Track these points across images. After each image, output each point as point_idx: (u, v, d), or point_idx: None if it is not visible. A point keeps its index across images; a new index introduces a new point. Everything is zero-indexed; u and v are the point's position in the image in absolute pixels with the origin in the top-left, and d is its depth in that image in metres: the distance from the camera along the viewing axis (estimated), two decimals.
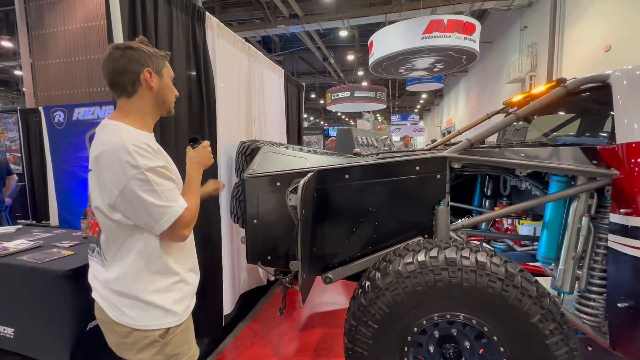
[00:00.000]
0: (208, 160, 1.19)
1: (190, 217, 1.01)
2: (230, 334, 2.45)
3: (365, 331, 1.42)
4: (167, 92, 1.10)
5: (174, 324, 1.05)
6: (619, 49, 6.63)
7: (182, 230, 0.99)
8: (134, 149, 0.92)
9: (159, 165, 0.95)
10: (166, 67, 1.10)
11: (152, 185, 0.93)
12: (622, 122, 1.45)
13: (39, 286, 1.96)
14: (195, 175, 1.14)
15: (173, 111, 1.16)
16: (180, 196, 1.01)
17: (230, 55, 2.47)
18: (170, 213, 0.95)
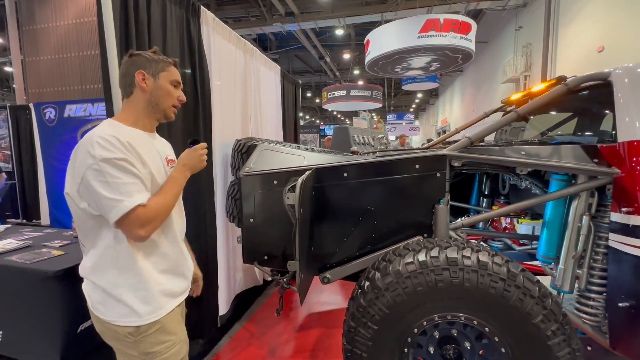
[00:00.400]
0: (198, 163, 1.14)
1: (146, 217, 0.95)
2: (225, 335, 2.41)
3: (364, 332, 1.39)
4: (161, 94, 1.09)
5: (140, 323, 1.01)
6: (611, 49, 6.69)
7: (133, 229, 0.94)
8: (97, 140, 0.93)
9: (116, 157, 0.92)
10: (166, 72, 1.10)
11: (105, 176, 0.91)
12: (623, 120, 1.44)
13: (28, 287, 1.90)
14: (178, 177, 1.09)
15: (172, 117, 1.14)
16: (141, 193, 0.95)
17: (225, 51, 2.42)
18: (119, 207, 0.91)
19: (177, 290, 1.13)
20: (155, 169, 1.05)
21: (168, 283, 1.10)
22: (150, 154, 1.05)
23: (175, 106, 1.14)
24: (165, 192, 1.04)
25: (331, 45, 15.08)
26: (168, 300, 1.09)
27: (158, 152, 1.11)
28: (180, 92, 1.15)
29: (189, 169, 1.12)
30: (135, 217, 0.93)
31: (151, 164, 1.03)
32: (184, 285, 1.17)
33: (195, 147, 1.15)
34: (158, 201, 0.99)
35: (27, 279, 1.89)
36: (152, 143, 1.11)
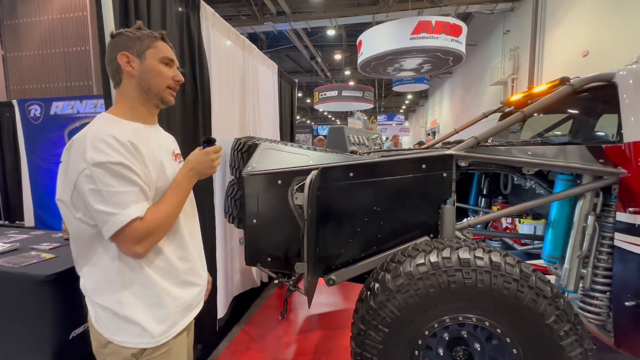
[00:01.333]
0: (208, 169, 0.99)
1: (144, 232, 0.82)
2: (224, 339, 2.35)
3: (375, 335, 1.36)
4: (151, 75, 0.94)
5: (151, 345, 0.90)
6: (596, 54, 6.89)
7: (129, 245, 0.82)
8: (90, 141, 0.81)
9: (110, 161, 0.80)
10: (153, 48, 0.94)
11: (96, 184, 0.79)
12: (628, 120, 1.45)
13: (17, 293, 1.80)
14: (183, 182, 0.95)
15: (170, 100, 0.99)
16: (138, 203, 0.82)
17: (224, 48, 2.36)
18: (112, 222, 0.79)
19: (192, 302, 1.02)
20: (162, 168, 0.93)
21: (184, 296, 0.98)
22: (155, 151, 0.94)
23: (172, 87, 0.98)
24: (167, 200, 0.91)
25: (322, 46, 15.07)
26: (183, 315, 0.98)
27: (163, 147, 1.00)
28: (175, 71, 0.99)
29: (196, 174, 0.98)
30: (131, 232, 0.81)
31: (156, 164, 0.92)
32: (197, 296, 1.05)
33: (208, 149, 0.99)
34: (158, 212, 0.86)
35: (16, 284, 1.79)
36: (156, 137, 0.99)
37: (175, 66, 1.00)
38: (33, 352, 1.81)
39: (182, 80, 1.00)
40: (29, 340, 1.82)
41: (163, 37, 0.98)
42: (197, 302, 1.06)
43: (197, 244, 1.09)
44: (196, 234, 1.09)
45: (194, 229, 1.08)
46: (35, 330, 1.80)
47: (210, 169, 1.00)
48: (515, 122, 1.66)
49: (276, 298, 3.07)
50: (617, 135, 1.53)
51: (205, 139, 1.03)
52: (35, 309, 1.79)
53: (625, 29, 6.06)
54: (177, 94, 1.91)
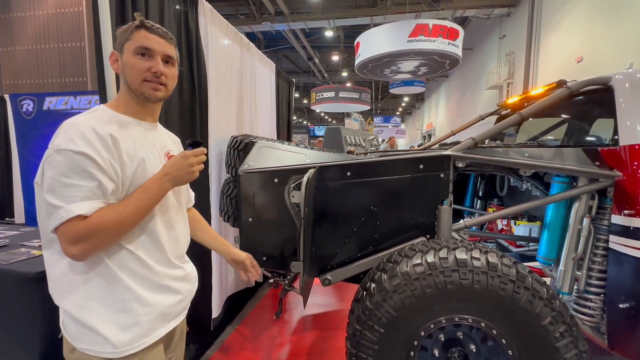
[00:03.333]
0: (185, 174, 0.88)
1: (82, 233, 0.74)
2: (217, 339, 2.32)
3: (370, 336, 1.35)
4: (127, 71, 0.88)
5: (114, 355, 0.82)
6: (590, 60, 6.99)
7: (64, 244, 0.75)
8: (66, 128, 0.78)
9: (73, 150, 0.74)
10: (130, 41, 0.87)
11: (52, 170, 0.75)
12: (624, 124, 1.47)
13: (5, 290, 1.76)
14: (152, 187, 0.85)
15: (151, 94, 0.89)
16: (87, 200, 0.75)
17: (222, 45, 2.34)
18: (55, 215, 0.74)
19: (170, 311, 0.93)
20: (142, 166, 0.87)
21: (160, 304, 0.89)
22: (138, 147, 0.87)
23: (149, 80, 0.88)
24: (126, 204, 0.81)
25: (320, 47, 15.09)
26: (157, 324, 0.89)
27: (154, 146, 0.94)
28: (152, 61, 0.88)
29: (170, 180, 0.87)
30: (68, 230, 0.74)
31: (135, 160, 0.85)
32: (177, 305, 0.95)
33: (186, 153, 0.89)
34: (108, 214, 0.77)
35: (5, 281, 1.75)
36: (147, 135, 0.93)
37: (158, 55, 0.89)
38: (21, 350, 1.77)
39: (160, 71, 0.88)
40: (17, 338, 1.78)
41: (142, 24, 0.88)
42: (178, 311, 0.97)
43: (182, 251, 1.02)
44: (182, 240, 1.02)
45: (179, 235, 1.00)
46: (24, 328, 1.76)
47: (188, 174, 0.89)
48: (512, 124, 1.67)
49: (270, 298, 3.05)
50: (612, 138, 1.55)
51: (190, 141, 0.94)
52: (23, 306, 1.75)
53: (619, 36, 6.15)
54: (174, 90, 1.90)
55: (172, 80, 0.95)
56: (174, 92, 1.84)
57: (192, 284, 1.05)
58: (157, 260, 0.91)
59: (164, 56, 0.91)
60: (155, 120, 1.00)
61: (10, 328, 1.79)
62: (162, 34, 0.91)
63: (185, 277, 1.01)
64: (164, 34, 0.91)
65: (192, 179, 0.91)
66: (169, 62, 0.93)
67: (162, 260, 0.92)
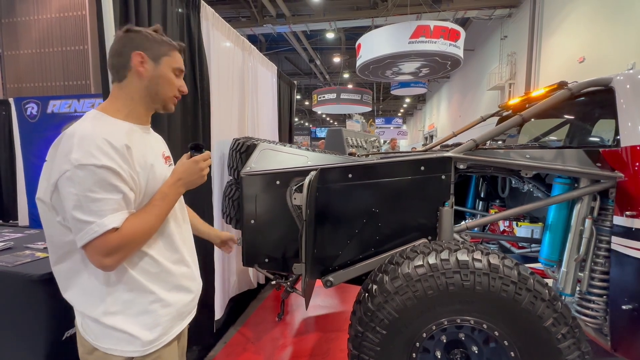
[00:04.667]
0: (197, 178, 0.95)
1: (116, 244, 0.77)
2: (220, 340, 2.33)
3: (372, 337, 1.36)
4: (162, 83, 0.94)
5: (139, 353, 0.87)
6: (592, 60, 6.97)
7: (98, 257, 0.77)
8: (79, 141, 0.76)
9: (96, 164, 0.75)
10: (169, 57, 0.95)
11: (76, 187, 0.74)
12: (626, 125, 1.47)
13: (10, 292, 1.78)
14: (169, 194, 0.90)
15: (172, 108, 0.99)
16: (117, 212, 0.78)
17: (224, 48, 2.36)
18: (86, 230, 0.75)
19: (184, 310, 0.98)
20: (152, 172, 0.90)
21: (177, 302, 0.95)
22: (146, 154, 0.90)
23: (176, 97, 0.99)
24: (149, 211, 0.85)
25: (321, 49, 15.13)
26: (175, 323, 0.95)
27: (154, 149, 0.97)
28: (182, 82, 1.00)
29: (184, 185, 0.93)
30: (103, 243, 0.76)
31: (147, 167, 0.88)
32: (190, 303, 1.01)
33: (196, 158, 0.95)
34: (136, 224, 0.81)
35: (9, 283, 1.76)
36: (148, 139, 0.97)
37: (182, 77, 1.00)
38: (25, 352, 1.78)
39: (186, 92, 1.01)
40: (22, 340, 1.79)
41: (181, 49, 0.99)
42: (190, 310, 1.03)
43: (190, 250, 1.07)
44: (188, 240, 1.07)
45: (185, 235, 1.05)
46: (28, 330, 1.77)
47: (200, 178, 0.96)
48: (513, 125, 1.67)
49: (272, 300, 3.05)
50: (614, 139, 1.55)
51: (192, 145, 0.99)
52: (28, 308, 1.76)
53: (621, 37, 6.13)
54: None
55: None
56: None
57: (199, 282, 1.08)
58: (174, 261, 0.95)
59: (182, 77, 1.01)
60: (148, 122, 1.02)
61: (14, 330, 1.80)
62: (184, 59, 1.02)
63: (195, 275, 1.05)
64: None
65: (203, 182, 0.97)
66: None
67: (177, 259, 0.97)
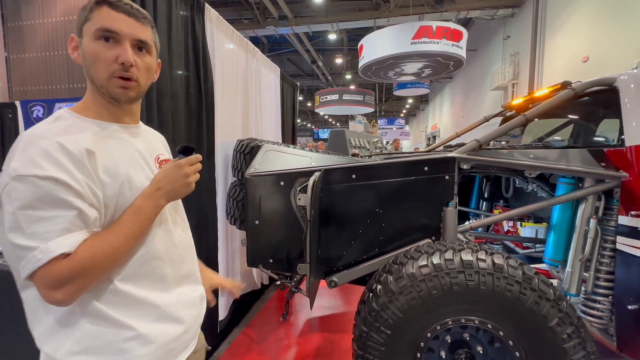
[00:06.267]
0: (181, 187, 0.74)
1: (67, 273, 0.59)
2: (224, 341, 2.34)
3: (377, 337, 1.36)
4: (87, 62, 0.68)
5: None
6: (596, 60, 6.93)
7: (45, 290, 0.60)
8: (24, 145, 0.61)
9: (38, 175, 0.58)
10: (88, 22, 0.68)
11: (12, 203, 0.58)
12: (630, 124, 1.46)
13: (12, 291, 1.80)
14: (145, 206, 0.70)
15: (118, 93, 0.70)
16: (67, 233, 0.60)
17: (228, 50, 2.38)
18: (28, 259, 0.58)
19: (174, 345, 0.76)
20: (128, 182, 0.70)
21: (163, 335, 0.74)
22: (122, 160, 0.72)
23: (118, 75, 0.68)
24: (115, 230, 0.66)
25: (323, 50, 15.16)
26: None
27: (140, 153, 0.77)
28: (120, 49, 0.68)
29: (164, 195, 0.73)
30: (49, 273, 0.58)
31: (118, 177, 0.69)
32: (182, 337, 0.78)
33: (180, 162, 0.75)
34: (97, 246, 0.63)
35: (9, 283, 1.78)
36: (130, 140, 0.76)
37: (127, 40, 0.69)
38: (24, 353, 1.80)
39: (129, 60, 0.68)
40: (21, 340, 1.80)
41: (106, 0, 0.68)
42: (184, 345, 0.80)
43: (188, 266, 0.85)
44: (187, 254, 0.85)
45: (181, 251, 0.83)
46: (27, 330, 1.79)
47: (184, 186, 0.75)
48: (517, 125, 1.67)
49: (276, 300, 3.06)
50: (618, 139, 1.54)
51: (181, 147, 0.77)
52: None
53: (624, 36, 6.10)
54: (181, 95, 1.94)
55: (146, 72, 0.74)
56: (181, 97, 1.87)
57: (198, 307, 0.87)
58: (156, 289, 0.75)
59: (134, 41, 0.70)
60: (136, 120, 0.80)
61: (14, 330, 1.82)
62: (131, 11, 0.70)
63: (192, 301, 0.84)
64: (135, 12, 0.71)
65: (189, 192, 0.77)
66: (143, 48, 0.73)
67: (162, 287, 0.76)
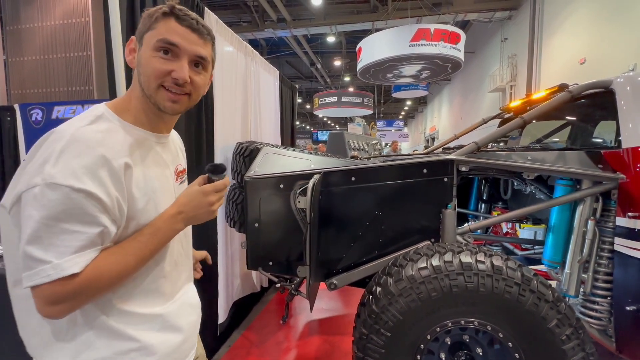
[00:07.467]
0: (203, 214, 0.73)
1: (71, 292, 0.58)
2: (224, 344, 2.33)
3: (377, 340, 1.36)
4: (142, 70, 0.68)
5: None
6: (593, 61, 6.98)
7: (41, 303, 0.58)
8: (65, 147, 0.58)
9: (74, 187, 0.56)
10: (150, 31, 0.67)
11: (39, 210, 0.56)
12: (626, 126, 1.48)
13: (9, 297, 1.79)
14: (162, 228, 0.69)
15: (166, 106, 0.69)
16: (82, 252, 0.59)
17: (227, 53, 2.39)
18: (36, 271, 0.57)
19: (175, 356, 0.76)
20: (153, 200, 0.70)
21: (164, 345, 0.72)
22: (152, 176, 0.71)
23: (167, 87, 0.68)
24: (127, 249, 0.64)
25: (322, 52, 15.21)
26: None
27: (166, 165, 0.77)
28: (177, 65, 0.67)
29: (184, 220, 0.72)
30: (53, 290, 0.57)
31: (146, 194, 0.69)
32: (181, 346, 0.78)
33: (206, 188, 0.72)
34: (103, 266, 0.61)
35: None
36: (159, 152, 0.75)
37: (186, 56, 0.69)
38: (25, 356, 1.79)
39: (182, 77, 0.68)
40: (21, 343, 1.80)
41: (172, 10, 0.67)
42: (184, 354, 0.79)
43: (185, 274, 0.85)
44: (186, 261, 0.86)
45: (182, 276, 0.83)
46: None
47: (207, 214, 0.73)
48: (515, 127, 1.68)
49: (276, 303, 3.06)
50: (615, 141, 1.55)
51: (210, 167, 0.74)
52: None
53: (621, 38, 6.14)
54: None
55: (200, 89, 0.74)
56: None
57: (196, 311, 0.87)
58: (158, 304, 0.74)
59: (193, 57, 0.70)
60: (169, 130, 0.80)
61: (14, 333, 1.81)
62: (196, 27, 0.69)
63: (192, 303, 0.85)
64: (200, 28, 0.70)
65: (211, 219, 0.75)
66: (200, 64, 0.72)
67: (164, 300, 0.75)
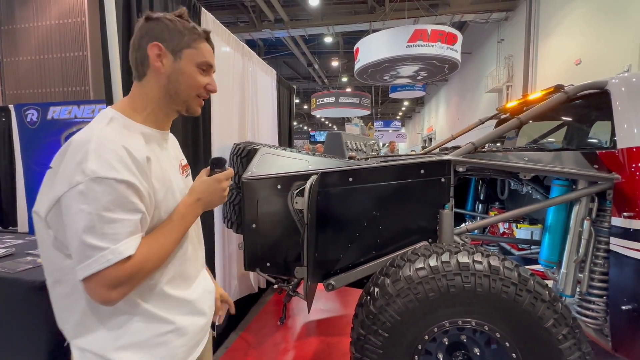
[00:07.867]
0: (218, 199, 0.85)
1: (128, 274, 0.64)
2: (221, 346, 2.32)
3: (375, 340, 1.36)
4: (183, 80, 0.79)
5: None
6: (588, 62, 7.03)
7: (102, 290, 0.63)
8: (95, 148, 0.64)
9: (117, 178, 0.64)
10: (192, 49, 0.79)
11: (90, 204, 0.62)
12: (621, 127, 1.49)
13: (11, 299, 1.78)
14: (187, 215, 0.79)
15: (197, 110, 0.84)
16: (132, 236, 0.66)
17: (224, 54, 2.39)
18: (95, 259, 0.62)
19: (199, 337, 0.86)
20: (171, 188, 0.79)
21: (194, 327, 0.82)
22: (165, 167, 0.80)
23: (201, 96, 0.84)
24: (165, 235, 0.74)
25: (320, 53, 15.22)
26: (190, 354, 0.82)
27: (173, 158, 0.87)
28: (210, 78, 0.83)
29: (202, 205, 0.83)
30: (114, 274, 0.63)
31: (165, 183, 0.77)
32: (205, 325, 0.88)
33: (219, 176, 0.84)
34: (151, 250, 0.69)
35: (10, 290, 1.77)
36: (166, 147, 0.85)
37: (212, 72, 0.86)
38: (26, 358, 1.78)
39: (215, 90, 0.85)
40: (23, 347, 1.79)
41: (208, 37, 0.83)
42: (204, 333, 0.89)
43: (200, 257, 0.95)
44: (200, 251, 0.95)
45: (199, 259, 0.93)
46: (30, 337, 1.77)
47: (220, 199, 0.86)
48: (511, 128, 1.69)
49: (274, 305, 3.05)
50: (610, 141, 1.57)
51: (214, 159, 0.87)
52: (30, 315, 1.76)
53: (617, 38, 6.20)
54: None
55: None
56: None
57: (212, 294, 0.96)
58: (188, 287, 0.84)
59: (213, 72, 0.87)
60: (169, 127, 0.90)
61: (16, 336, 1.80)
62: (213, 45, 0.86)
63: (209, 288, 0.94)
64: (213, 45, 0.86)
65: (222, 203, 0.88)
66: None
67: (190, 284, 0.85)
